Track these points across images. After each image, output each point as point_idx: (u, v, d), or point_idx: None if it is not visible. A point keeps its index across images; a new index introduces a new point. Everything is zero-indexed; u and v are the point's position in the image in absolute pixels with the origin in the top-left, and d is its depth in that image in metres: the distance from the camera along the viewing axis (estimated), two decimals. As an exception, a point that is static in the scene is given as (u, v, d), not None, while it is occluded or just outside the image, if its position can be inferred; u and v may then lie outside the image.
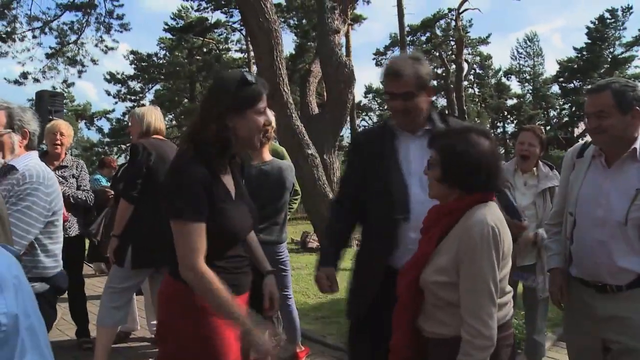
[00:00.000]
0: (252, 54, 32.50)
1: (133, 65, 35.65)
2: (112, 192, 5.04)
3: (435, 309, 1.98)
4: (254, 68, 33.32)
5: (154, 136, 4.00)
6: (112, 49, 28.12)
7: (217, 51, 35.33)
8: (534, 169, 3.70)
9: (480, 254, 1.83)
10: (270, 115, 3.97)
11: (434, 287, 1.94)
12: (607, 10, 44.17)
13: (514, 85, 52.20)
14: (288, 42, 40.63)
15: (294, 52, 33.09)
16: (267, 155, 3.81)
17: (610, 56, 44.29)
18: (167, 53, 35.61)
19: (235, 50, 36.70)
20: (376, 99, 46.26)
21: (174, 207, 1.93)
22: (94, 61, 28.83)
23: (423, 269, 1.98)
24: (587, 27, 44.98)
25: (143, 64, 35.50)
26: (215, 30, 34.67)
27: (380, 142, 2.61)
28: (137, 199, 3.76)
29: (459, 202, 1.95)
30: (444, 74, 38.94)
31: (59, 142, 4.51)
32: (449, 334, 1.93)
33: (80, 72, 28.73)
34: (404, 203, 2.45)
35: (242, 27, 33.11)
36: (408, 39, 34.37)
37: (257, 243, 2.43)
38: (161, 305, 2.16)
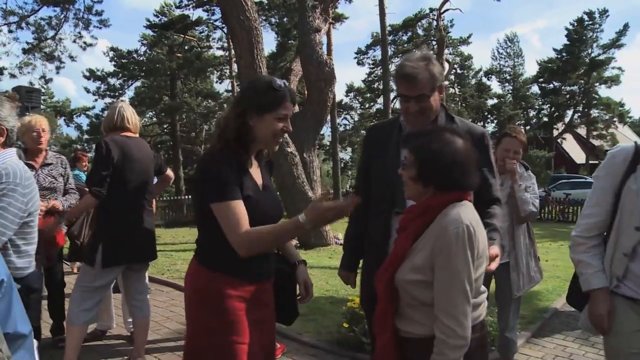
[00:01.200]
0: (233, 52, 32.47)
1: (113, 62, 35.17)
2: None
3: (409, 308, 1.98)
4: (235, 66, 33.34)
5: (123, 133, 3.98)
6: (90, 45, 27.87)
7: (198, 49, 35.03)
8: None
9: (455, 253, 1.83)
10: None
11: (408, 286, 1.93)
12: (585, 13, 45.15)
13: (495, 86, 52.80)
14: (269, 40, 40.59)
15: (275, 51, 33.06)
16: None
17: (589, 58, 44.97)
18: (148, 50, 35.27)
19: (217, 48, 36.49)
20: (357, 97, 46.31)
21: (212, 191, 2.06)
22: (72, 57, 28.57)
23: (399, 268, 1.98)
24: (567, 29, 45.69)
25: (123, 60, 35.05)
26: (197, 28, 34.41)
27: (387, 136, 2.68)
28: (105, 196, 3.77)
29: (433, 200, 1.95)
30: (425, 74, 39.00)
31: (42, 138, 4.36)
32: (425, 334, 1.92)
33: (58, 68, 28.45)
34: (402, 198, 2.49)
35: (224, 25, 33.02)
36: (389, 38, 34.56)
37: None
38: (188, 293, 2.27)
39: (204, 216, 2.12)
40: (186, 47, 34.76)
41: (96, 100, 36.97)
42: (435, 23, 35.72)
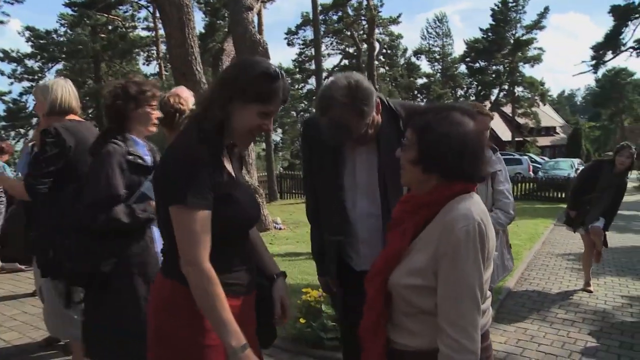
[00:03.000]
0: (160, 32, 31.38)
1: (30, 43, 33.26)
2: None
3: (406, 317, 1.71)
4: (163, 47, 32.26)
5: (70, 117, 3.32)
6: (1, 22, 26.10)
7: (123, 29, 33.65)
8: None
9: (465, 254, 1.56)
10: (189, 95, 3.64)
11: (405, 292, 1.66)
12: None
13: (424, 65, 53.69)
14: (197, 21, 39.35)
15: (203, 31, 32.10)
16: None
17: (513, 38, 46.56)
18: (69, 30, 33.49)
19: (143, 28, 35.20)
20: (287, 79, 45.95)
21: (174, 190, 1.67)
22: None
23: (394, 270, 1.70)
24: (492, 9, 47.00)
25: (41, 41, 33.17)
26: (121, 7, 33.04)
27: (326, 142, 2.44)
28: (49, 195, 3.06)
29: (438, 191, 1.67)
30: (355, 54, 39.26)
31: None
32: (424, 347, 1.66)
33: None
34: (340, 223, 2.48)
35: (150, 4, 31.78)
36: (320, 17, 34.27)
37: (262, 242, 2.16)
38: (152, 305, 1.87)
39: (167, 222, 1.73)
40: (110, 27, 33.29)
41: (12, 83, 34.89)
42: (365, 2, 35.67)
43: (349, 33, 38.77)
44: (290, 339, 4.41)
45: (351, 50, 40.52)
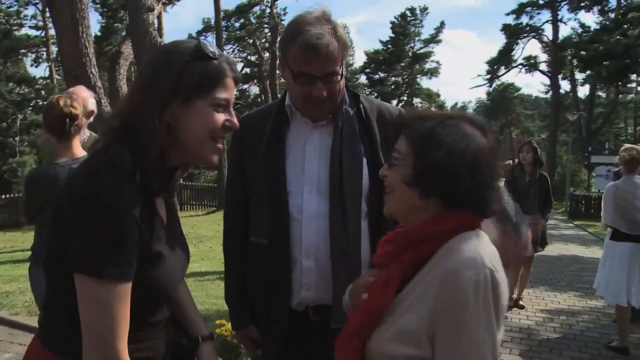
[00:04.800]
0: (51, 32, 29.45)
1: None
2: None
3: None
4: (54, 49, 30.31)
5: None
6: None
7: (7, 26, 31.29)
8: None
9: (475, 314, 1.15)
10: (88, 96, 3.24)
11: None
12: (408, 9, 48.73)
13: (325, 75, 54.48)
14: (92, 24, 37.64)
15: (99, 34, 30.59)
16: (79, 150, 2.95)
17: (411, 51, 48.62)
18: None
19: (30, 27, 32.91)
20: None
21: (87, 256, 1.18)
22: None
23: (374, 332, 1.28)
24: (391, 22, 48.81)
25: None
26: (4, 2, 30.75)
27: (264, 129, 1.95)
28: None
29: (437, 223, 1.26)
30: (257, 62, 38.95)
31: None
32: None
33: None
34: (278, 220, 1.87)
35: (38, 1, 29.86)
36: (222, 24, 33.69)
37: (187, 290, 1.67)
38: None
39: (61, 272, 1.24)
40: (-8, 25, 30.86)
41: None
42: (268, 10, 35.49)
43: (251, 41, 38.41)
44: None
45: (253, 58, 40.12)
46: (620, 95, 42.61)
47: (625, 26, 29.13)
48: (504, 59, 42.10)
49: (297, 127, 1.95)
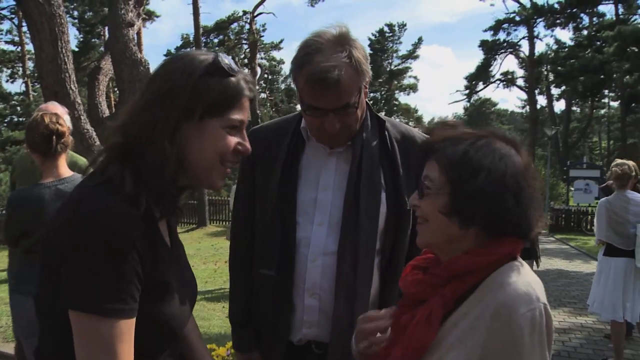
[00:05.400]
0: (28, 47, 29.10)
1: None
2: None
3: None
4: (30, 64, 29.89)
5: None
6: None
7: (-18, 42, 30.85)
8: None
9: (530, 354, 1.06)
10: (64, 112, 3.10)
11: None
12: (387, 25, 49.43)
13: (305, 91, 54.85)
14: (70, 39, 37.43)
15: (77, 49, 30.26)
16: (65, 170, 2.81)
17: (390, 66, 49.17)
18: None
19: (6, 42, 32.42)
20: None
21: (84, 290, 1.04)
22: None
23: None
24: (369, 39, 49.32)
25: None
26: (-22, 18, 30.25)
27: (279, 147, 1.78)
28: None
29: (481, 254, 1.15)
30: (237, 78, 38.91)
31: None
32: None
33: None
34: (286, 258, 1.72)
35: (14, 15, 29.42)
36: (201, 40, 33.61)
37: (195, 325, 1.52)
38: None
39: (56, 308, 1.08)
40: (-34, 40, 30.38)
41: None
42: (247, 26, 35.51)
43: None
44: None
45: (232, 74, 40.12)
46: (595, 110, 43.47)
47: (599, 43, 29.70)
48: (482, 74, 42.76)
49: (313, 152, 1.79)
